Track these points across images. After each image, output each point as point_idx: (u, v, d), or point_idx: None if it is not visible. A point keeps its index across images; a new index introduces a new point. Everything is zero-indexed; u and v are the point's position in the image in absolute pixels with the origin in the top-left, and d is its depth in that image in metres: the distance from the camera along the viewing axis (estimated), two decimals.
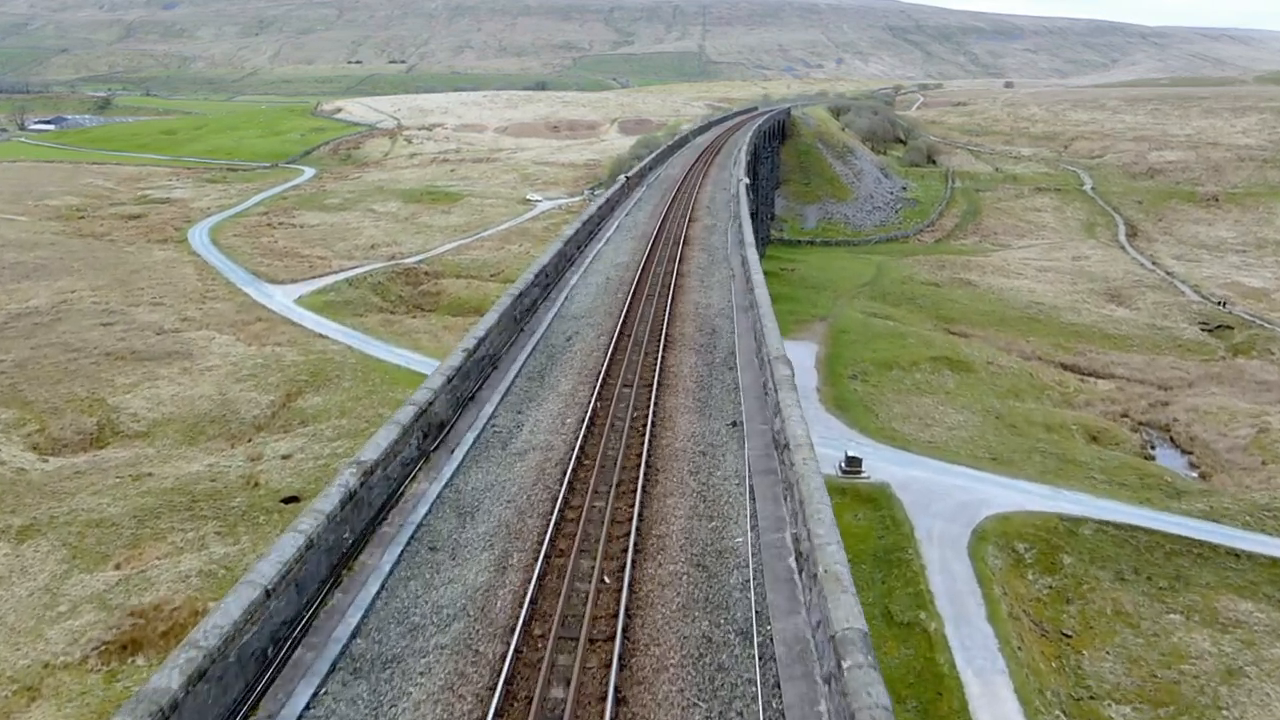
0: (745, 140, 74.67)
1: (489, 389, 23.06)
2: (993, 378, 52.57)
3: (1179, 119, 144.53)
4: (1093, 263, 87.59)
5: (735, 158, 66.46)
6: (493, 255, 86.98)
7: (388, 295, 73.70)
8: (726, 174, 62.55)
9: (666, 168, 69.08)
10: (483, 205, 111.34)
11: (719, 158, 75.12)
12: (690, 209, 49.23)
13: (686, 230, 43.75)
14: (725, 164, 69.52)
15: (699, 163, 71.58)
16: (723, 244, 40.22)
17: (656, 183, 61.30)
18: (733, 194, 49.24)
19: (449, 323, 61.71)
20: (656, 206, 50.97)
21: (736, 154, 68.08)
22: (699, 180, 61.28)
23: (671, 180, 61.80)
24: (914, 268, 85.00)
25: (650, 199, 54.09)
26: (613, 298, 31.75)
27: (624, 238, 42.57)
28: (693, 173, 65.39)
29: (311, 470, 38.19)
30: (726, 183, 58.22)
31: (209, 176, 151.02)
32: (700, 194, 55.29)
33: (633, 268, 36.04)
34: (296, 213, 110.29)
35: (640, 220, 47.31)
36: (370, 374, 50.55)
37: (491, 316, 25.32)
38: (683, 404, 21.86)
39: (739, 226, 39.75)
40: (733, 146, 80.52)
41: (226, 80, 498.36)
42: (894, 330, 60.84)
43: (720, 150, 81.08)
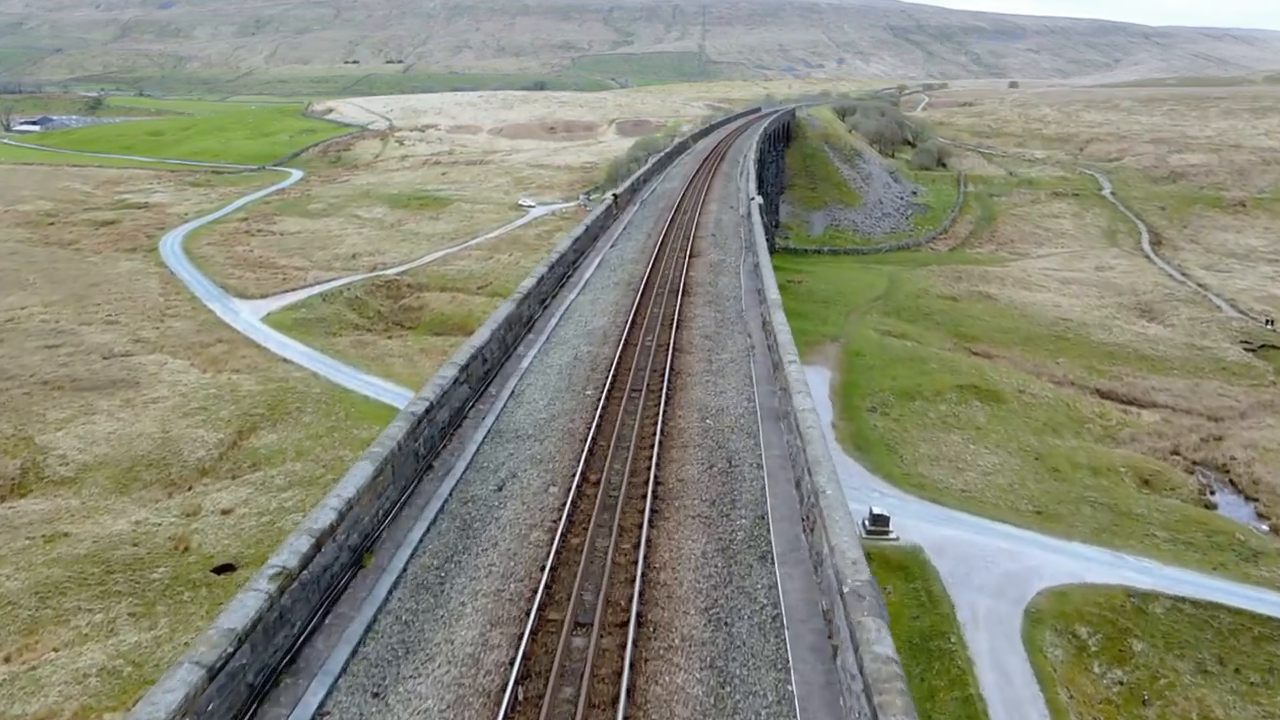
0: (752, 146, 68.75)
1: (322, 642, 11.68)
2: (1026, 409, 47.38)
3: (1197, 120, 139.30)
4: (1118, 273, 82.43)
5: (742, 167, 60.47)
6: (480, 266, 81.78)
7: (365, 311, 68.53)
8: (733, 187, 55.88)
9: (664, 179, 60.66)
10: (473, 211, 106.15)
11: (723, 165, 69.34)
12: (691, 237, 40.89)
13: (687, 271, 34.32)
14: (731, 173, 63.71)
15: (701, 173, 63.76)
16: (734, 291, 31.54)
17: (652, 199, 52.45)
18: (742, 214, 43.35)
19: (427, 344, 56.52)
20: (650, 234, 41.90)
21: (743, 162, 62.12)
22: (701, 195, 53.34)
23: (669, 196, 52.96)
24: (929, 279, 79.82)
25: (643, 222, 45.14)
26: (577, 399, 21.25)
27: (605, 283, 32.91)
28: (694, 186, 57.21)
29: (253, 530, 33.03)
30: (734, 198, 51.59)
31: (192, 180, 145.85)
32: (703, 214, 46.92)
33: (612, 337, 25.94)
34: (277, 219, 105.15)
35: (628, 255, 37.72)
36: (334, 406, 45.38)
37: (363, 470, 13.85)
38: (683, 677, 11.02)
39: (755, 267, 31.98)
40: (738, 153, 74.26)
41: (221, 80, 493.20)
42: (913, 353, 55.67)
43: (724, 157, 74.81)
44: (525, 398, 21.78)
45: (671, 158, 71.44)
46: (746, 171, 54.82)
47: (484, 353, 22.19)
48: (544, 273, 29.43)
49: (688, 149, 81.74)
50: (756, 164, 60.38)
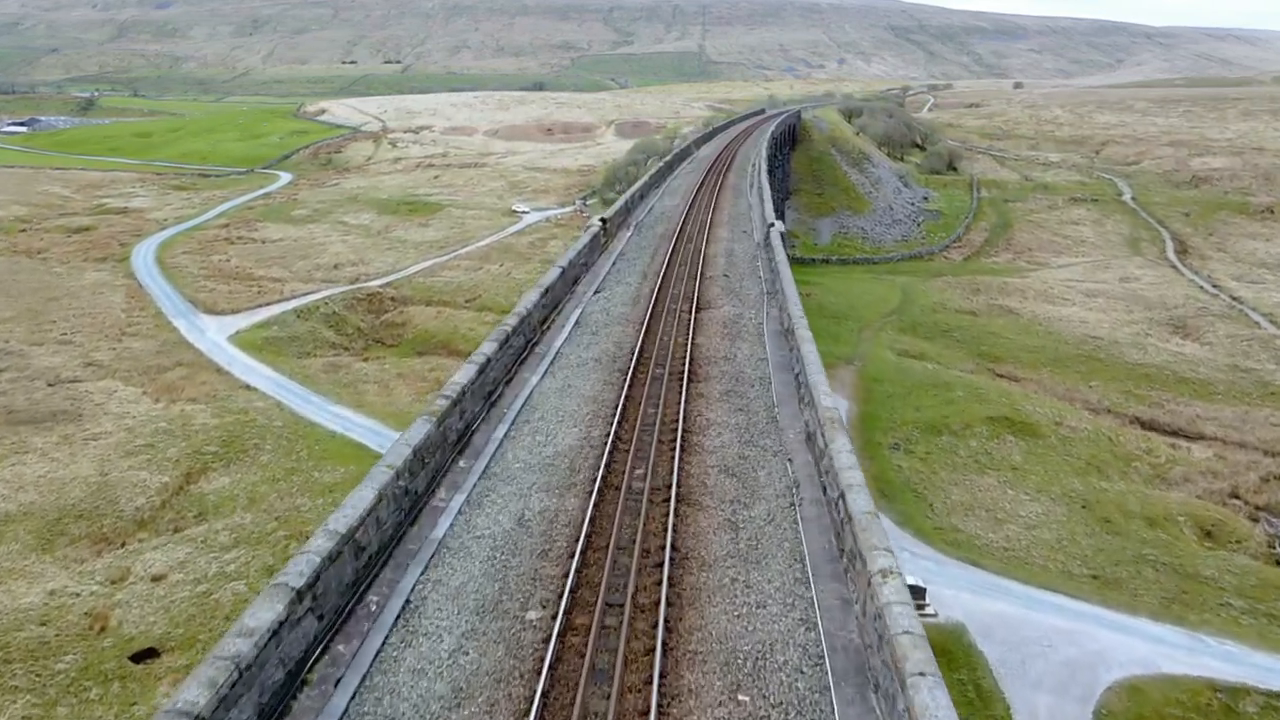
0: (761, 154, 62.69)
1: None
2: (1065, 445, 42.72)
3: (1216, 122, 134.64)
4: (1145, 285, 77.80)
5: (752, 179, 54.52)
6: (469, 277, 77.15)
7: (343, 328, 63.90)
8: (744, 204, 48.76)
9: (663, 194, 52.13)
10: (464, 217, 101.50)
11: (730, 176, 62.30)
12: (697, 277, 31.87)
13: (693, 336, 24.96)
14: (739, 186, 56.66)
15: (705, 186, 55.64)
16: (760, 372, 21.91)
17: (649, 221, 43.69)
18: (758, 241, 37.08)
19: (405, 367, 51.84)
20: (645, 274, 32.84)
21: (753, 174, 55.92)
22: (707, 216, 45.12)
23: (669, 217, 44.49)
24: (945, 292, 75.16)
25: (637, 256, 36.21)
26: (508, 648, 11.49)
27: (580, 358, 23.46)
28: (698, 203, 49.09)
29: (185, 604, 28.39)
30: (745, 219, 44.17)
31: (177, 183, 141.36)
32: (711, 243, 38.26)
33: (582, 473, 16.59)
34: (260, 225, 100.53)
35: (615, 308, 28.25)
36: (297, 444, 40.72)
37: None
38: None
39: (787, 331, 23.01)
40: (745, 160, 68.36)
41: (217, 81, 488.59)
42: (935, 377, 51.00)
43: (730, 165, 68.18)
44: (438, 594, 12.56)
45: (672, 167, 65.43)
46: (759, 186, 48.05)
47: (374, 515, 12.84)
48: (493, 352, 20.37)
49: (690, 156, 75.08)
50: (768, 176, 54.82)
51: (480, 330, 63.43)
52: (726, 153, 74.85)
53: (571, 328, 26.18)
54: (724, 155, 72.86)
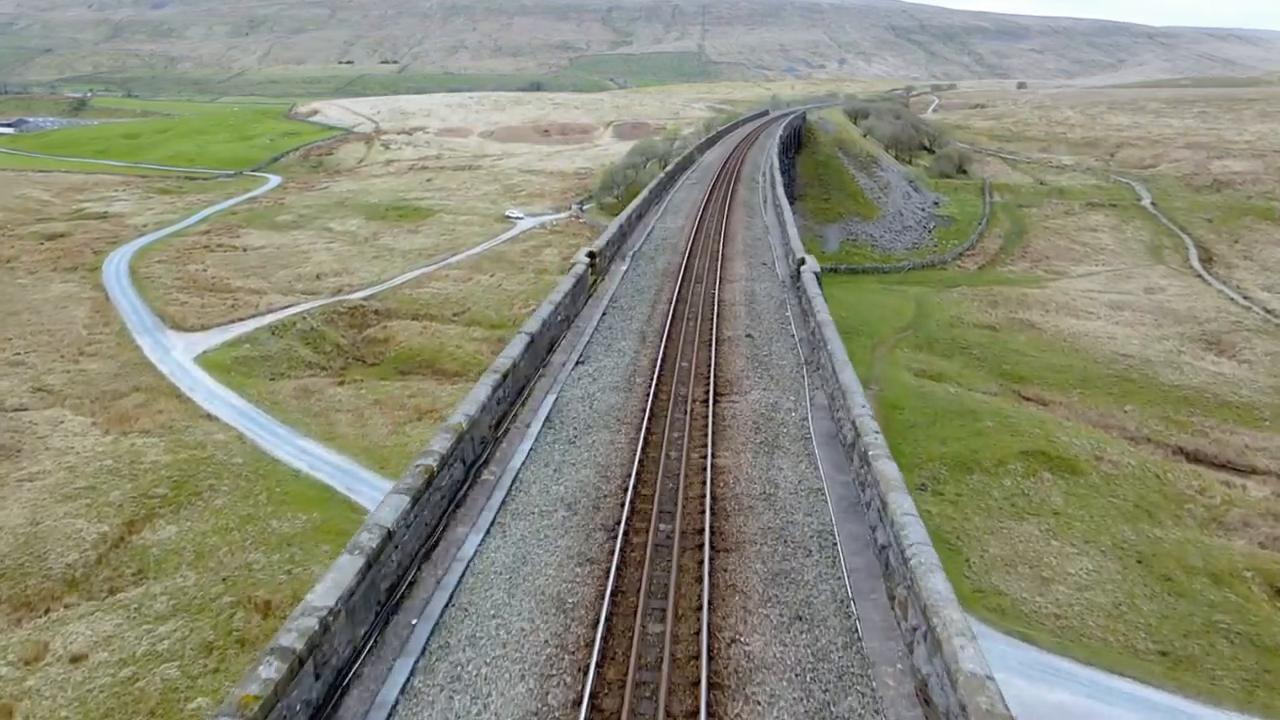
0: (773, 162, 57.71)
1: None
2: (1109, 484, 38.60)
3: (1232, 123, 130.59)
4: (1171, 296, 73.72)
5: (764, 192, 49.44)
6: (458, 288, 73.02)
7: (321, 345, 59.74)
8: (759, 224, 42.26)
9: (664, 213, 45.47)
10: (455, 223, 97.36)
11: (739, 189, 55.67)
12: (712, 341, 24.31)
13: (712, 445, 17.62)
14: (751, 201, 50.27)
15: (713, 202, 49.29)
16: (811, 513, 15.20)
17: (647, 251, 36.97)
18: (783, 278, 30.99)
19: (383, 393, 47.64)
20: (642, 336, 25.46)
21: (765, 185, 50.96)
22: (718, 243, 38.11)
23: (672, 246, 37.79)
24: (961, 304, 71.08)
25: (631, 305, 28.61)
26: None
27: (548, 494, 16.05)
28: (706, 224, 42.20)
29: (104, 695, 24.24)
30: (764, 245, 37.38)
31: (162, 186, 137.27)
32: (726, 283, 30.89)
33: (554, 675, 10.87)
34: (242, 231, 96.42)
35: (602, 395, 20.85)
36: (256, 485, 36.56)
37: None
38: None
39: (851, 444, 16.17)
40: (754, 169, 63.50)
41: (213, 81, 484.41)
42: (959, 403, 46.87)
43: (739, 175, 62.30)
44: None
45: (673, 178, 59.18)
46: (775, 203, 42.09)
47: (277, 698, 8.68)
48: (419, 488, 13.74)
49: (693, 164, 69.38)
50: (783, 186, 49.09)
51: (468, 348, 59.43)
52: (733, 160, 69.68)
53: (540, 429, 18.62)
54: (731, 162, 67.65)
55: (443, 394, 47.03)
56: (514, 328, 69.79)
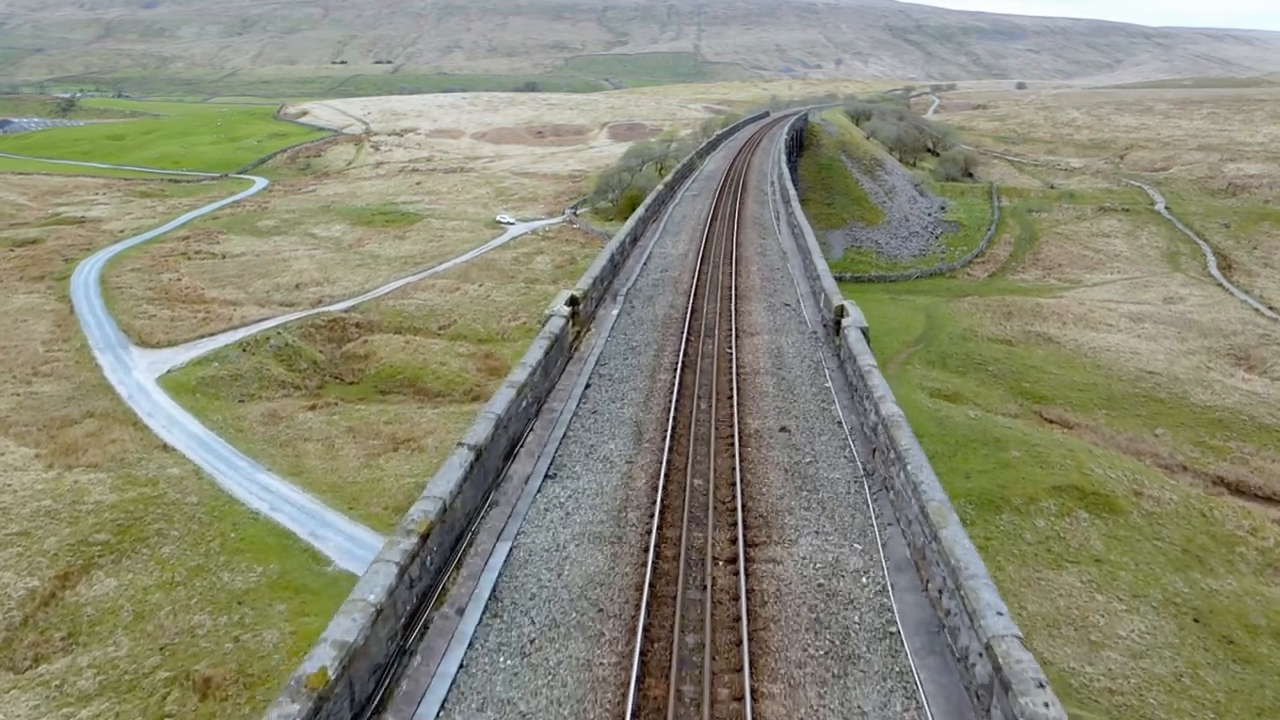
0: (782, 169, 52.54)
1: None
2: (1152, 524, 35.11)
3: (1243, 125, 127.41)
4: (1193, 307, 70.33)
5: (777, 209, 44.61)
6: (444, 299, 69.42)
7: (296, 362, 56.08)
8: (774, 247, 35.91)
9: (662, 234, 38.75)
10: (444, 229, 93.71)
11: (748, 203, 48.48)
12: (734, 439, 17.46)
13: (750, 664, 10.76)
14: (762, 216, 43.42)
15: (719, 218, 42.38)
16: None
17: (643, 289, 29.93)
18: (814, 328, 24.88)
19: (358, 418, 43.97)
20: (637, 429, 18.20)
21: (776, 198, 46.43)
22: (729, 274, 31.46)
23: (673, 278, 31.13)
24: (973, 316, 67.63)
25: (623, 373, 21.68)
26: None
27: None
28: (713, 249, 35.52)
29: None
30: (783, 277, 31.22)
31: (144, 189, 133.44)
32: (744, 335, 24.56)
33: None
34: (222, 237, 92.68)
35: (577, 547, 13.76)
36: (210, 529, 32.94)
37: None
38: None
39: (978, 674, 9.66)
40: (762, 178, 58.21)
41: (204, 81, 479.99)
42: (981, 430, 43.37)
43: (745, 185, 56.04)
44: None
45: (673, 189, 53.57)
46: (794, 222, 36.87)
47: None
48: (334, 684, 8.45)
49: (693, 172, 64.22)
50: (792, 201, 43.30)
51: (452, 365, 55.89)
52: (737, 167, 64.17)
53: (476, 625, 11.69)
54: (735, 170, 62.56)
55: (422, 420, 43.42)
56: (502, 342, 66.32)
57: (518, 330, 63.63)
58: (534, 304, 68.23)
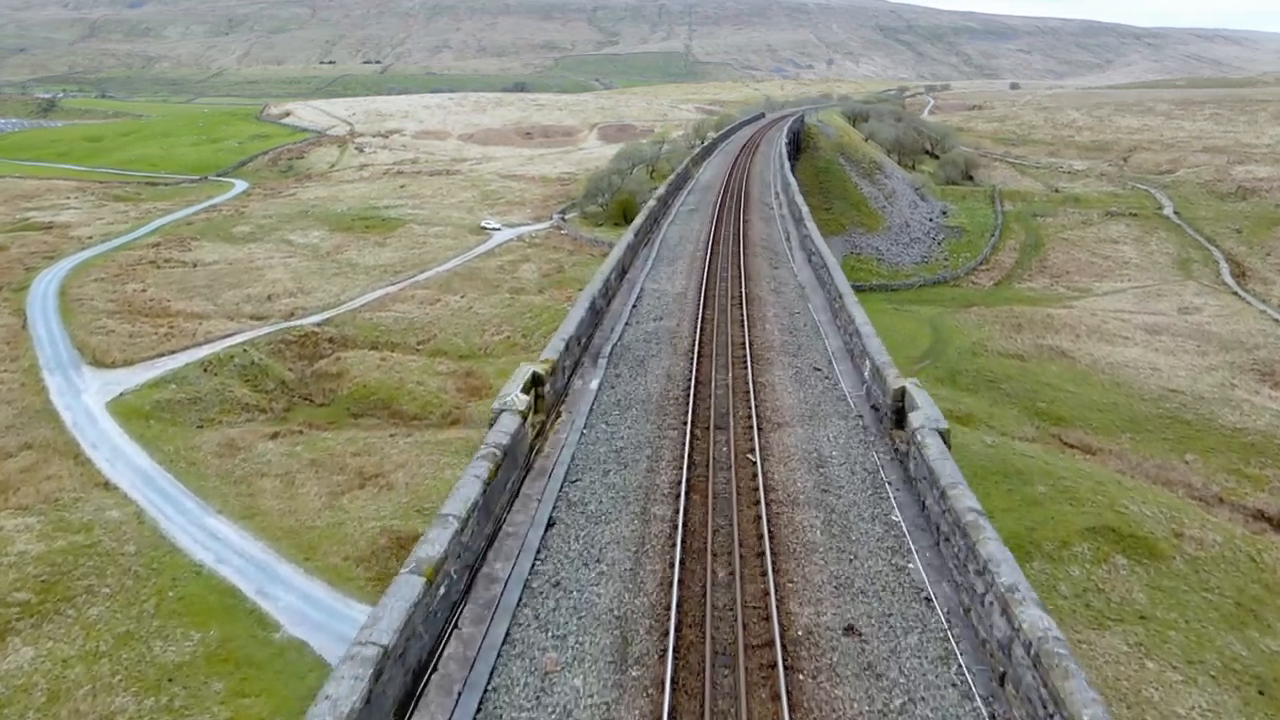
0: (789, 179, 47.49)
1: None
2: (1198, 572, 31.76)
3: (1248, 126, 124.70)
4: (1209, 317, 67.24)
5: (787, 228, 39.86)
6: (424, 312, 65.76)
7: (262, 382, 52.36)
8: (789, 279, 31.10)
9: (654, 263, 33.39)
10: (426, 235, 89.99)
11: (753, 220, 42.92)
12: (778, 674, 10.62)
13: None
14: (771, 239, 37.80)
15: (720, 241, 36.80)
16: None
17: (631, 348, 24.43)
18: (856, 408, 19.96)
19: (322, 450, 40.25)
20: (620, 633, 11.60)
21: (786, 219, 41.63)
22: (738, 323, 25.99)
23: (669, 329, 25.65)
24: (982, 328, 64.34)
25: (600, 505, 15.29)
26: None
27: None
28: (715, 286, 29.98)
29: None
30: (807, 329, 25.72)
31: (119, 193, 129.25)
32: (768, 430, 18.67)
33: None
34: (195, 244, 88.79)
35: None
36: (147, 584, 29.27)
37: None
38: None
39: None
40: (765, 186, 53.47)
41: (190, 81, 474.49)
42: (1001, 461, 39.94)
43: (747, 196, 50.13)
44: None
45: (667, 203, 47.54)
46: (809, 248, 31.86)
47: None
48: None
49: (688, 183, 58.57)
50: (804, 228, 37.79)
51: (430, 384, 52.28)
52: (736, 175, 59.28)
53: None
54: (734, 179, 57.20)
55: (393, 452, 39.75)
56: (484, 358, 62.68)
57: (501, 345, 60.04)
58: (518, 316, 64.65)
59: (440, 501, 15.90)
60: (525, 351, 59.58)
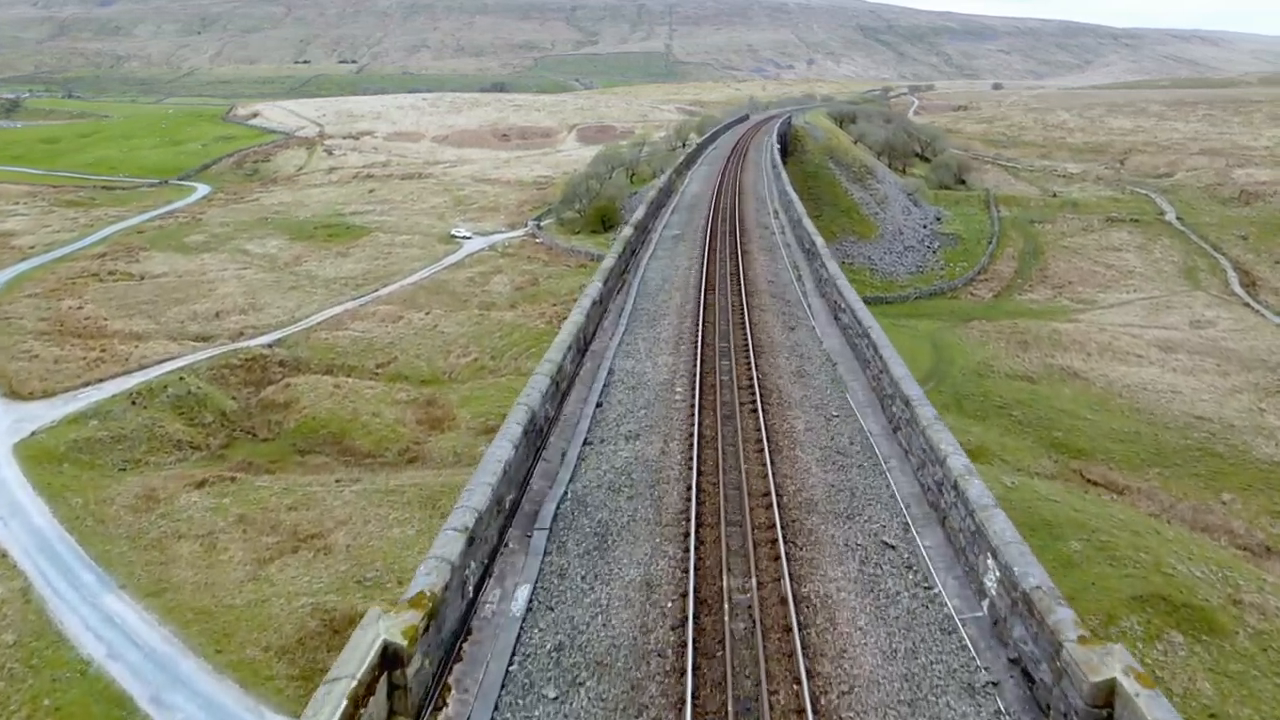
0: (793, 200, 41.50)
1: None
2: (1265, 651, 27.42)
3: (1243, 127, 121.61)
4: (1224, 332, 63.28)
5: (793, 259, 33.71)
6: (385, 331, 60.66)
7: (199, 414, 47.13)
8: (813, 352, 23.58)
9: (627, 335, 24.20)
10: (392, 245, 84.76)
11: (754, 251, 35.34)
12: None
13: None
14: (780, 281, 30.40)
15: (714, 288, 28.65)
16: None
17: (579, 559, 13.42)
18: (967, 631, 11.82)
19: (253, 503, 35.11)
20: None
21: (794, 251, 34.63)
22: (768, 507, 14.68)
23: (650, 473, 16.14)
24: (986, 346, 60.03)
25: None
26: None
27: None
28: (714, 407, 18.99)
29: None
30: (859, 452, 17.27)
31: (72, 198, 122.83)
32: None
33: None
34: (144, 254, 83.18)
35: None
36: (19, 689, 24.20)
37: None
38: None
39: None
40: (761, 204, 46.79)
41: (160, 81, 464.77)
42: (1027, 508, 35.42)
43: (741, 215, 42.29)
44: None
45: (646, 231, 38.36)
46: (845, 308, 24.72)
47: None
48: None
49: (672, 199, 49.24)
50: None
51: (386, 415, 47.28)
52: (726, 189, 51.55)
53: None
54: (724, 195, 48.73)
55: (335, 504, 34.68)
56: (448, 384, 57.51)
57: (467, 369, 55.08)
58: (487, 335, 59.71)
59: None
60: (493, 375, 54.70)
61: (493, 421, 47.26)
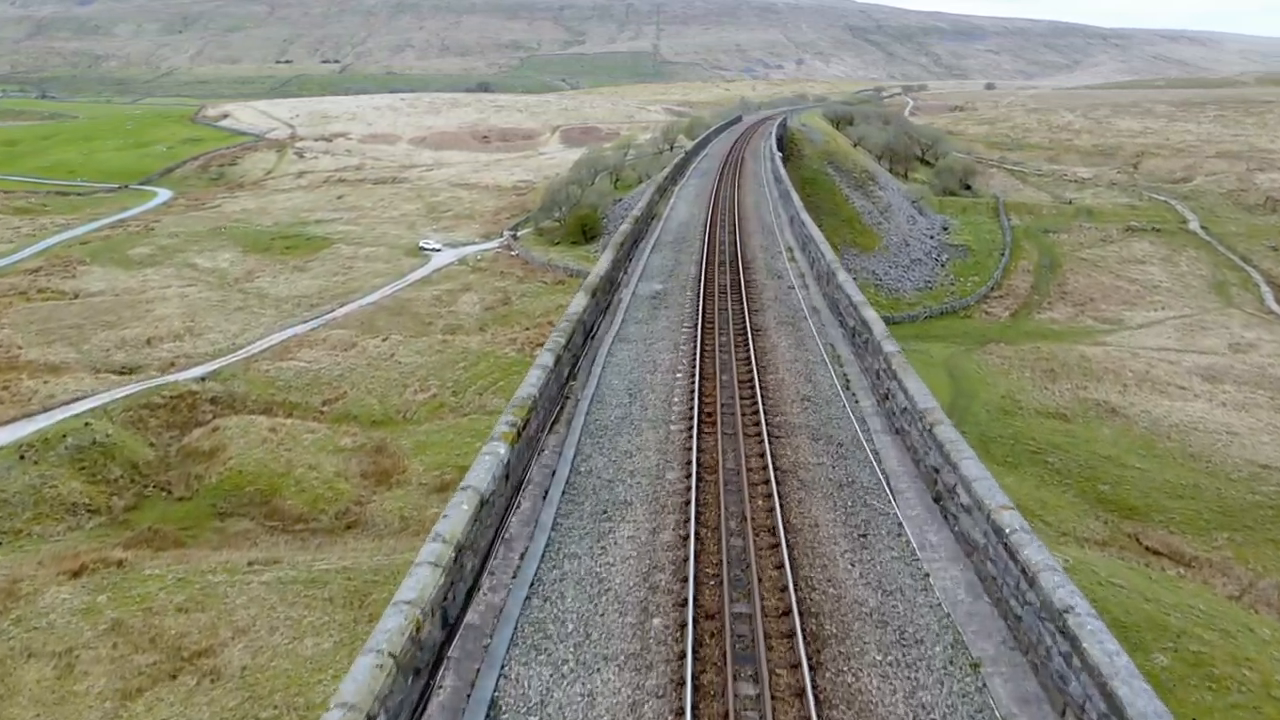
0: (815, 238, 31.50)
1: None
2: None
3: (1257, 129, 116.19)
4: (1268, 357, 57.25)
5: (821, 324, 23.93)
6: (335, 361, 53.85)
7: (103, 469, 40.29)
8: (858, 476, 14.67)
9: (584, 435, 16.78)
10: (354, 258, 77.93)
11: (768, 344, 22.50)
12: None
13: None
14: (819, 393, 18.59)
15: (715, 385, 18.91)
16: None
17: None
18: None
19: (135, 602, 28.29)
20: None
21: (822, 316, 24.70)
22: None
23: None
24: (1009, 375, 53.69)
25: None
26: None
27: None
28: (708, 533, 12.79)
29: None
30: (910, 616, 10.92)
31: (22, 204, 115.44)
32: None
33: None
34: (82, 269, 76.18)
35: None
36: None
37: None
38: None
39: None
40: (768, 234, 39.36)
41: (138, 81, 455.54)
42: (1093, 601, 28.75)
43: (744, 254, 34.08)
44: None
45: (614, 285, 28.71)
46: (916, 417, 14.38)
47: None
48: None
49: (653, 229, 40.29)
50: None
51: (325, 468, 40.59)
52: (722, 217, 41.93)
53: None
54: (720, 227, 39.30)
55: (238, 601, 27.86)
56: (401, 425, 50.76)
57: (424, 408, 48.34)
58: (449, 366, 53.00)
59: None
60: (454, 413, 48.00)
61: (448, 474, 40.63)
